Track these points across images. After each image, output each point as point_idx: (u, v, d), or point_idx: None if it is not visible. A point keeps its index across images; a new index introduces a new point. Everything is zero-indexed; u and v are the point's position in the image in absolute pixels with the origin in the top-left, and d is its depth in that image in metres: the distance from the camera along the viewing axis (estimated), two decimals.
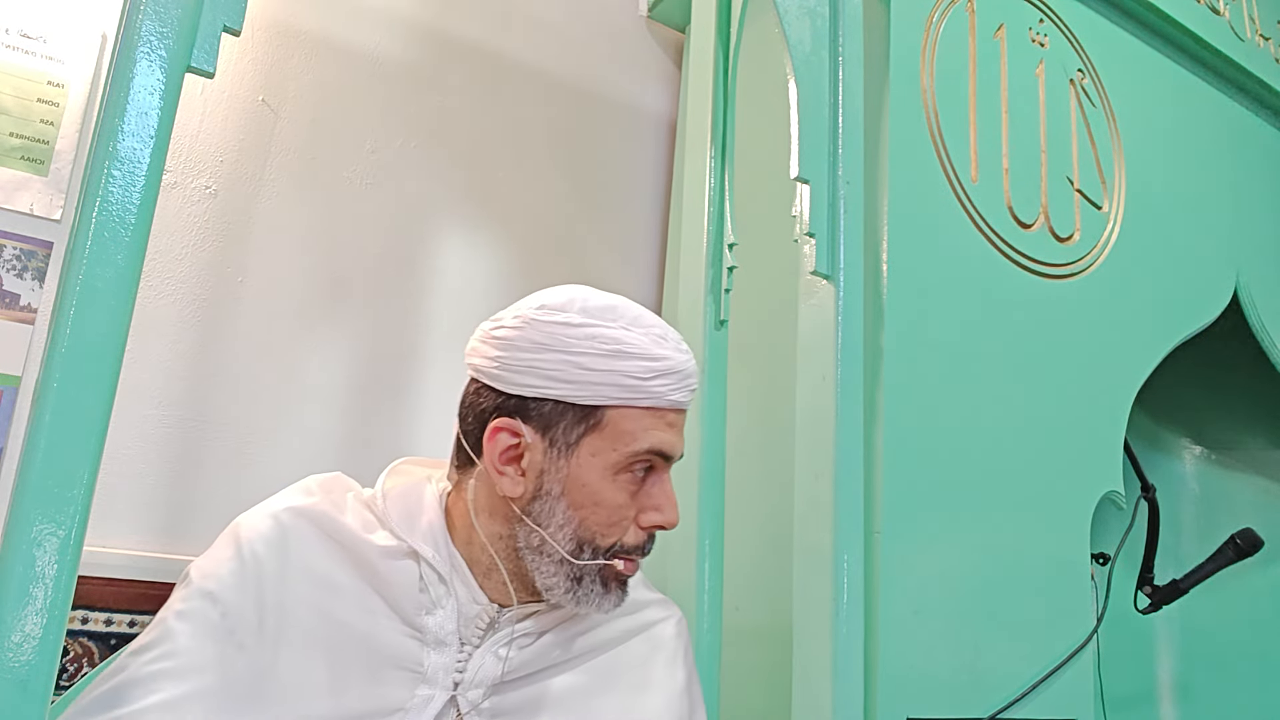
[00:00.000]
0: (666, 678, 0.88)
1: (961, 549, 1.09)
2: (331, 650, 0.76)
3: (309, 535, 0.80)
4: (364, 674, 0.76)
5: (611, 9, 1.60)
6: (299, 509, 0.81)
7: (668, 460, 0.82)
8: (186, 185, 1.18)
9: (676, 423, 0.83)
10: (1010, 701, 1.07)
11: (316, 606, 0.77)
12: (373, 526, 0.82)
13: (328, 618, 0.77)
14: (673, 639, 0.91)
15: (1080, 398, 1.25)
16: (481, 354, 0.82)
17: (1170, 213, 1.45)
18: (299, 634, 0.76)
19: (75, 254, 0.61)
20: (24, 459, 0.58)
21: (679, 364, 0.82)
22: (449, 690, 0.78)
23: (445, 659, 0.79)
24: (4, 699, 0.54)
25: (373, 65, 1.34)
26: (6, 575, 0.56)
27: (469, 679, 0.79)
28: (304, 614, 0.76)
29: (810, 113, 1.08)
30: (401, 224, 1.32)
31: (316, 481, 0.85)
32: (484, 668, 0.80)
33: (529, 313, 0.81)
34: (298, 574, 0.77)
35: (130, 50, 0.65)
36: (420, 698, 0.77)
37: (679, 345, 0.83)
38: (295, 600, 0.76)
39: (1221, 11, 1.59)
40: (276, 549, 0.78)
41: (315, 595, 0.77)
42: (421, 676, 0.78)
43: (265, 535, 0.79)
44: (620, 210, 1.54)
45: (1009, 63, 1.29)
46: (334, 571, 0.79)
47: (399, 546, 0.80)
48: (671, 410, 0.82)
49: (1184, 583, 1.45)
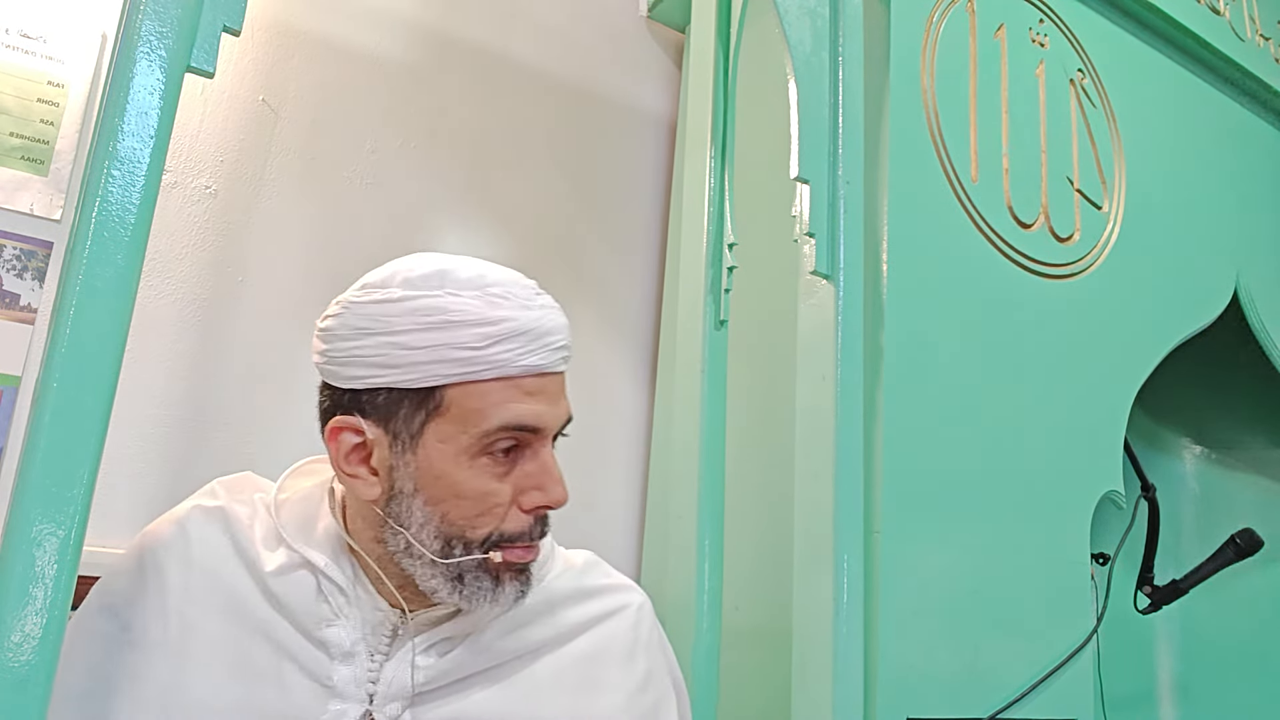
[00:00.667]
0: (622, 675, 0.81)
1: (961, 549, 1.09)
2: (239, 662, 0.72)
3: (213, 540, 0.76)
4: (274, 687, 0.72)
5: (611, 9, 1.59)
6: (206, 509, 0.78)
7: (535, 433, 0.73)
8: (186, 185, 1.18)
9: (541, 389, 0.73)
10: (1010, 701, 1.07)
11: (222, 616, 0.73)
12: (270, 539, 0.77)
13: (234, 627, 0.73)
14: (628, 630, 0.83)
15: (1080, 398, 1.25)
16: (315, 349, 0.76)
17: (1170, 213, 1.45)
18: (205, 646, 0.72)
19: (75, 254, 0.61)
20: (24, 459, 0.58)
21: (526, 323, 0.72)
22: (363, 704, 0.73)
23: (355, 671, 0.73)
24: (4, 699, 0.54)
25: (373, 65, 1.34)
26: (6, 575, 0.56)
27: (383, 692, 0.73)
28: (209, 625, 0.73)
29: (810, 113, 1.08)
30: (401, 224, 1.32)
31: (222, 484, 0.82)
32: (396, 679, 0.74)
33: (349, 296, 0.74)
34: (201, 583, 0.74)
35: (130, 50, 0.65)
36: (332, 713, 0.72)
37: (529, 302, 0.73)
38: (200, 610, 0.73)
39: (1221, 11, 1.59)
40: (179, 558, 0.75)
41: (220, 604, 0.74)
42: (332, 691, 0.73)
43: (168, 543, 0.76)
44: (620, 210, 1.54)
45: (1009, 63, 1.29)
46: (239, 579, 0.75)
47: (291, 560, 0.75)
48: (529, 377, 0.72)
49: (1184, 583, 1.45)
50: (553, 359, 0.74)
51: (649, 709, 0.81)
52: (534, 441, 0.74)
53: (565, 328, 0.76)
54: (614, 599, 0.85)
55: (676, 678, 0.89)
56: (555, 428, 0.75)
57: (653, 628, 0.87)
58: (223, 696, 0.70)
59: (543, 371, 0.73)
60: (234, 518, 0.78)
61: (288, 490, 0.81)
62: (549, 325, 0.74)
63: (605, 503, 1.41)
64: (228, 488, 0.81)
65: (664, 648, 0.89)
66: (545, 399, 0.74)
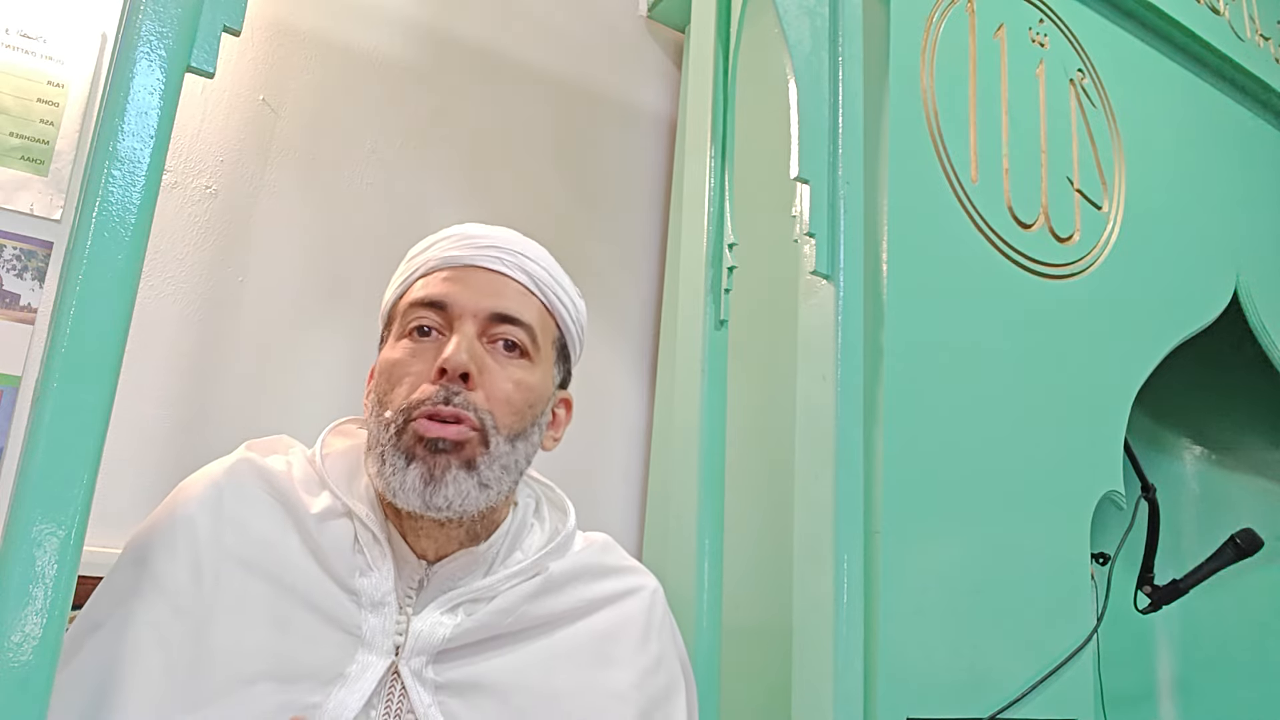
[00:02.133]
0: (636, 653, 0.82)
1: (961, 549, 1.09)
2: (268, 612, 0.73)
3: (247, 490, 0.78)
4: (302, 636, 0.73)
5: (611, 9, 1.59)
6: (240, 462, 0.80)
7: (443, 311, 0.79)
8: (186, 185, 1.18)
9: (461, 278, 0.80)
10: (1010, 701, 1.07)
11: (252, 567, 0.74)
12: (313, 486, 0.80)
13: (264, 578, 0.74)
14: (644, 612, 0.85)
15: (1080, 398, 1.25)
16: None
17: (1170, 213, 1.45)
18: (234, 596, 0.72)
19: (75, 254, 0.61)
20: (24, 459, 0.58)
21: (453, 232, 0.83)
22: (389, 656, 0.74)
23: (384, 622, 0.75)
24: (4, 699, 0.54)
25: (373, 65, 1.34)
26: (6, 575, 0.56)
27: (410, 645, 0.74)
28: (239, 575, 0.73)
29: (810, 113, 1.08)
30: (401, 224, 1.32)
31: (254, 444, 0.84)
32: (424, 633, 0.75)
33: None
34: (232, 534, 0.75)
35: (130, 50, 0.65)
36: (360, 664, 0.73)
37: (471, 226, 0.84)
38: (230, 562, 0.74)
39: (1221, 11, 1.59)
40: (210, 509, 0.76)
41: (251, 555, 0.74)
42: (360, 640, 0.74)
43: (199, 496, 0.77)
44: (620, 210, 1.54)
45: (1009, 63, 1.29)
46: (271, 529, 0.76)
47: (334, 507, 0.78)
48: (447, 268, 0.81)
49: (1184, 583, 1.45)
50: (471, 253, 0.81)
51: (660, 690, 0.82)
52: (452, 325, 0.79)
53: (505, 238, 0.84)
54: (631, 579, 0.87)
55: (686, 666, 0.89)
56: (468, 309, 0.79)
57: (665, 613, 0.89)
58: (249, 647, 0.71)
59: (462, 264, 0.81)
60: (269, 468, 0.80)
61: (329, 446, 0.85)
62: (479, 231, 0.84)
63: (605, 502, 1.41)
64: (260, 446, 0.84)
65: (675, 634, 0.90)
66: (461, 284, 0.80)
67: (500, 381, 0.78)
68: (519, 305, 0.81)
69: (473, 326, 0.78)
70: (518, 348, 0.80)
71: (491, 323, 0.79)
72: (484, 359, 0.78)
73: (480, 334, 0.79)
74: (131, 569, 0.74)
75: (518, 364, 0.80)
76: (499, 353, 0.79)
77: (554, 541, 0.84)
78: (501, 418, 0.77)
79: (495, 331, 0.79)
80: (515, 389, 0.79)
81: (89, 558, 0.62)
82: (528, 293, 0.82)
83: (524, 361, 0.81)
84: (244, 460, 0.80)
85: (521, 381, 0.79)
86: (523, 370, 0.80)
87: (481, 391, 0.77)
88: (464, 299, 0.79)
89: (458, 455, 0.75)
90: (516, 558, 0.82)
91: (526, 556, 0.82)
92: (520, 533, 0.85)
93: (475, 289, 0.80)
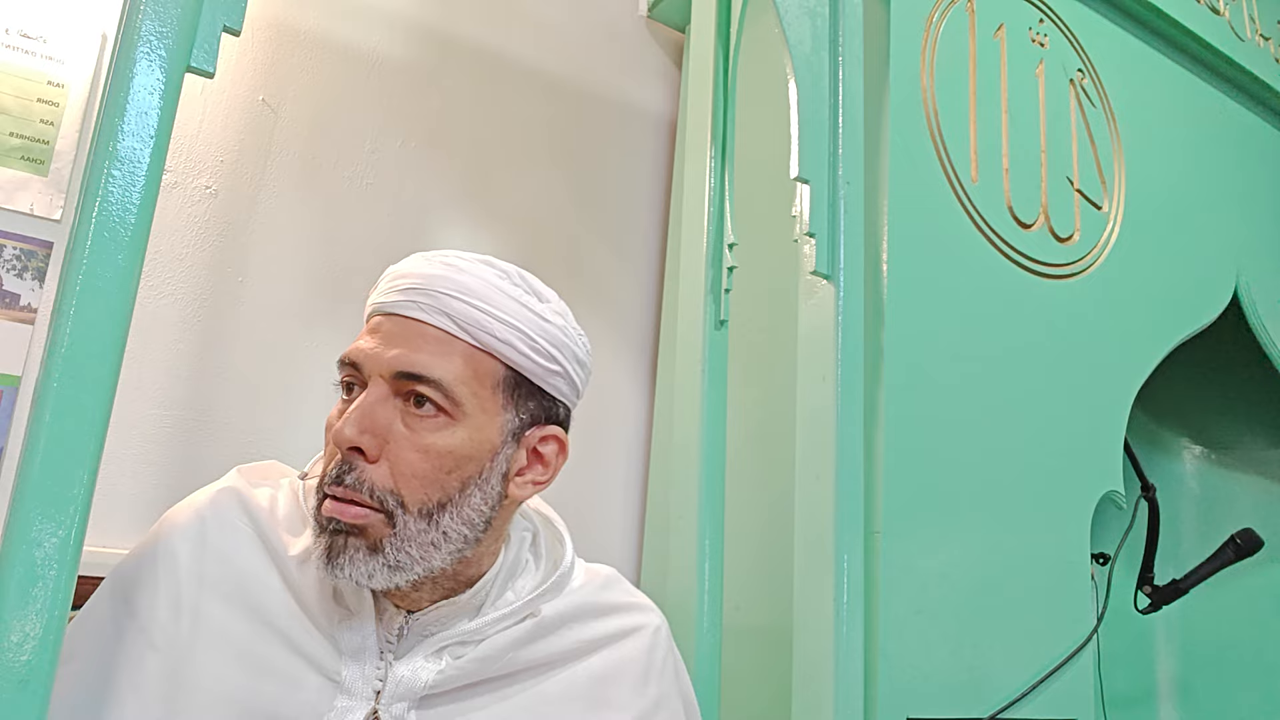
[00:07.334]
0: (634, 695, 0.78)
1: (961, 549, 1.09)
2: (247, 653, 0.71)
3: (231, 526, 0.76)
4: (281, 678, 0.71)
5: (611, 9, 1.59)
6: (226, 494, 0.77)
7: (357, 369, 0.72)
8: (186, 185, 1.18)
9: (379, 329, 0.73)
10: (1010, 701, 1.07)
11: (234, 602, 0.73)
12: (295, 524, 0.77)
13: (245, 614, 0.72)
14: (644, 653, 0.81)
15: (1080, 398, 1.25)
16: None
17: (1170, 213, 1.45)
18: (213, 633, 0.71)
19: (75, 254, 0.61)
20: (24, 459, 0.58)
21: (390, 271, 0.76)
22: (369, 702, 0.72)
23: (363, 669, 0.73)
24: (4, 699, 0.54)
25: (373, 65, 1.34)
26: (6, 575, 0.56)
27: (390, 691, 0.72)
28: (220, 611, 0.72)
29: (810, 113, 1.08)
30: (401, 224, 1.32)
31: (244, 470, 0.81)
32: (405, 679, 0.73)
33: None
34: (215, 566, 0.73)
35: (130, 50, 0.65)
36: (338, 710, 0.71)
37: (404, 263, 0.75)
38: (212, 595, 0.72)
39: (1221, 11, 1.59)
40: (193, 540, 0.74)
41: (233, 589, 0.73)
42: (339, 686, 0.72)
43: (182, 527, 0.75)
44: (620, 210, 1.54)
45: (1009, 63, 1.29)
46: (254, 563, 0.74)
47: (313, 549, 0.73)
48: (375, 316, 0.74)
49: (1184, 583, 1.45)
50: (393, 299, 0.73)
51: None
52: (367, 384, 0.72)
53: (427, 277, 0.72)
54: (632, 618, 0.83)
55: (691, 707, 0.87)
56: (375, 368, 0.71)
57: (669, 652, 0.85)
58: (227, 687, 0.69)
59: (385, 311, 0.73)
60: (254, 503, 0.77)
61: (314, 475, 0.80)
62: (405, 269, 0.74)
63: (605, 503, 1.41)
64: (250, 473, 0.81)
65: (679, 672, 0.87)
66: (377, 338, 0.72)
67: (405, 452, 0.70)
68: (429, 359, 0.71)
69: (383, 387, 0.71)
70: (432, 404, 0.71)
71: (400, 380, 0.71)
72: (390, 427, 0.70)
73: (395, 393, 0.71)
74: (109, 602, 0.74)
75: (431, 425, 0.71)
76: (411, 414, 0.71)
77: (548, 581, 0.80)
78: (409, 494, 0.70)
79: (406, 389, 0.71)
80: (422, 458, 0.70)
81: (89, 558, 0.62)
82: (448, 338, 0.72)
83: (440, 420, 0.71)
84: (229, 490, 0.78)
85: (431, 448, 0.70)
86: (437, 433, 0.71)
87: (385, 464, 0.70)
88: (373, 356, 0.71)
89: (359, 537, 0.69)
90: (508, 598, 0.78)
91: (518, 598, 0.78)
92: (514, 570, 0.80)
93: (386, 342, 0.72)
